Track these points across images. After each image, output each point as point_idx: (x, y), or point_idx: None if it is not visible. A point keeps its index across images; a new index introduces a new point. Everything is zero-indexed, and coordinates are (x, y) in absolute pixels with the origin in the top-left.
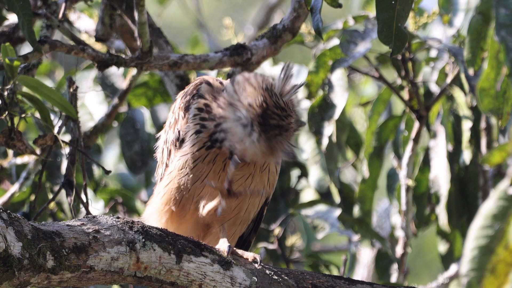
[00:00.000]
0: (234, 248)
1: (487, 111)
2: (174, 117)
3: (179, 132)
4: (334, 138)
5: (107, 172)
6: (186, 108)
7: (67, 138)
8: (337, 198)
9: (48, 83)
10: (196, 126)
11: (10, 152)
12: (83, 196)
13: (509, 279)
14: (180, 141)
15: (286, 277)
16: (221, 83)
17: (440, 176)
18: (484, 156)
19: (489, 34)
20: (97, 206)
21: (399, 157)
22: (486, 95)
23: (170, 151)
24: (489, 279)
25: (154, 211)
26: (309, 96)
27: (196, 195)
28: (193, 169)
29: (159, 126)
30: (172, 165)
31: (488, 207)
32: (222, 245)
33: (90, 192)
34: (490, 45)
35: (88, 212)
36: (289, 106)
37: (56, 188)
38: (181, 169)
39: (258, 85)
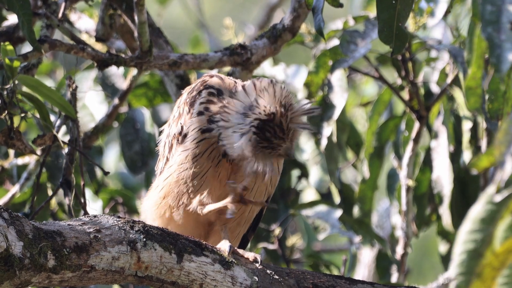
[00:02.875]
0: (235, 248)
1: (473, 110)
2: (179, 111)
3: (182, 126)
4: (334, 139)
5: (105, 173)
6: (192, 104)
7: (68, 138)
8: (337, 199)
9: (49, 82)
10: (201, 118)
11: (11, 152)
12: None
13: (495, 283)
14: (182, 136)
15: (287, 277)
16: (235, 81)
17: (443, 177)
18: (471, 161)
19: (475, 33)
20: (95, 206)
21: (399, 157)
22: (472, 94)
23: (171, 145)
24: (476, 283)
25: (152, 205)
26: (309, 96)
27: (194, 191)
28: (193, 164)
29: (160, 126)
30: (172, 160)
31: (476, 211)
32: (223, 245)
33: (89, 192)
34: (477, 43)
35: (85, 212)
36: (290, 133)
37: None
38: (181, 164)
39: (279, 97)
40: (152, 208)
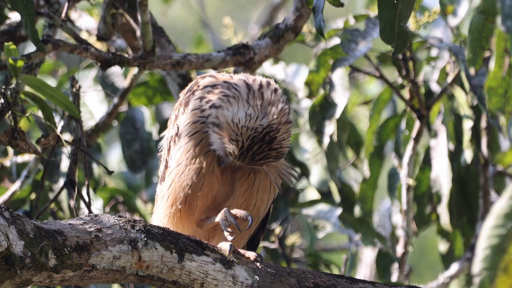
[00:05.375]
0: (236, 247)
1: (495, 110)
2: (175, 113)
3: (178, 127)
4: (335, 137)
5: (109, 173)
6: (186, 104)
7: (67, 137)
8: (337, 198)
9: (51, 82)
10: (194, 112)
11: (11, 150)
12: (85, 196)
13: None
14: (179, 136)
15: (288, 276)
16: (231, 76)
17: (442, 176)
18: (497, 157)
19: (495, 33)
20: (96, 205)
21: (399, 156)
22: (494, 94)
23: (169, 147)
24: (502, 278)
25: (162, 216)
26: (310, 95)
27: (197, 189)
28: (187, 161)
29: (162, 125)
30: (171, 162)
31: (500, 206)
32: (224, 244)
33: (90, 191)
34: (497, 43)
35: (90, 212)
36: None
37: (56, 186)
38: (178, 165)
39: (286, 129)
40: (164, 220)
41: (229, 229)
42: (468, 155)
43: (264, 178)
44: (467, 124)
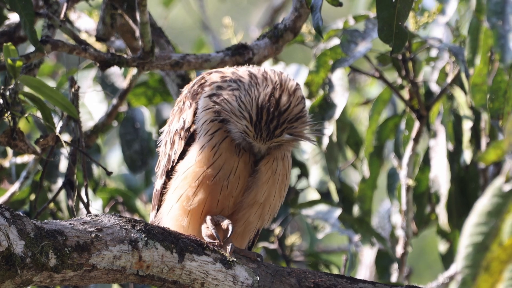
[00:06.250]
0: (237, 247)
1: (479, 107)
2: (179, 106)
3: (184, 121)
4: (334, 138)
5: (108, 173)
6: (193, 97)
7: (66, 137)
8: (336, 198)
9: (51, 84)
10: (208, 111)
11: (10, 151)
12: (83, 196)
13: (503, 277)
14: (185, 130)
15: (288, 276)
16: (236, 68)
17: (440, 176)
18: (480, 154)
19: (482, 30)
20: (95, 206)
21: (399, 156)
22: (478, 90)
23: (173, 141)
24: (483, 276)
25: (185, 221)
26: (310, 96)
27: (234, 188)
28: (214, 159)
29: (161, 125)
30: (191, 164)
31: (482, 204)
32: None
33: (89, 191)
34: (483, 40)
35: (88, 212)
36: (280, 129)
37: (55, 186)
38: (209, 166)
39: (293, 92)
40: (188, 229)
41: (209, 238)
42: (467, 155)
43: (282, 168)
44: (467, 125)
